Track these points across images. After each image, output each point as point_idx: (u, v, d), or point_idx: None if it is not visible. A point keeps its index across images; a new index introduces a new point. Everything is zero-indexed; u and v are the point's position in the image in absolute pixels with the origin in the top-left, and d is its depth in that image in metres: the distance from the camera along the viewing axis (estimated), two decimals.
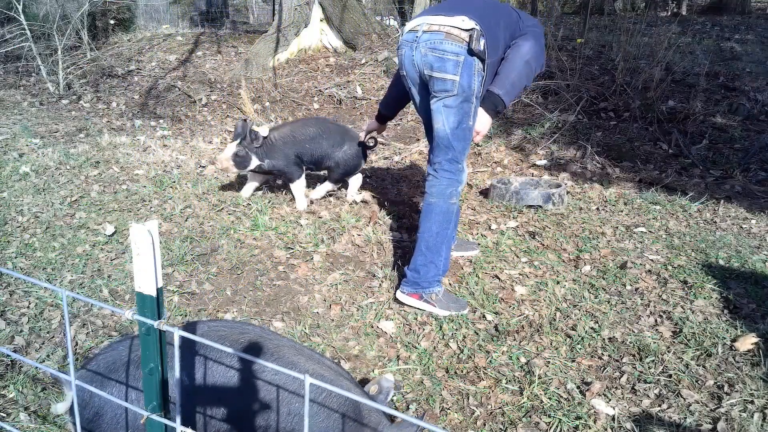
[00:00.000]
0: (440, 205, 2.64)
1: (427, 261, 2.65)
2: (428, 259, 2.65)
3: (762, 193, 4.33)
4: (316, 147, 3.72)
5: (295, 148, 3.68)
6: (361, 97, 6.46)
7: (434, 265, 2.65)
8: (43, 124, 5.55)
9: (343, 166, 3.80)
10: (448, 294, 2.74)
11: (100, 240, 3.26)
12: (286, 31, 7.37)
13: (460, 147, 2.61)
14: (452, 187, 2.63)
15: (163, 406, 1.08)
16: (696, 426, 2.02)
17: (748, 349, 2.40)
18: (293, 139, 3.68)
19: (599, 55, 7.09)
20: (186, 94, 6.62)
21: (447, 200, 2.63)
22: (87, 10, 7.40)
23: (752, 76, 6.71)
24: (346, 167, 3.82)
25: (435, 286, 2.67)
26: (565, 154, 5.09)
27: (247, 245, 3.27)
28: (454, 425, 2.07)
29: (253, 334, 1.60)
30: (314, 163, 3.79)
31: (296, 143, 3.68)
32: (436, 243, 2.63)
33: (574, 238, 3.48)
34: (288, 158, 3.67)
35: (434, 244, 2.63)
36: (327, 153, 3.75)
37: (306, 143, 3.70)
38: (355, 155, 3.81)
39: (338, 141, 3.75)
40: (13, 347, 2.37)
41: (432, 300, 2.67)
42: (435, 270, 2.66)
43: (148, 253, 0.95)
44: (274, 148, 3.64)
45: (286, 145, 3.66)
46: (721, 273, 3.04)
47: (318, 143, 3.72)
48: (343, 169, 3.82)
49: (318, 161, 3.78)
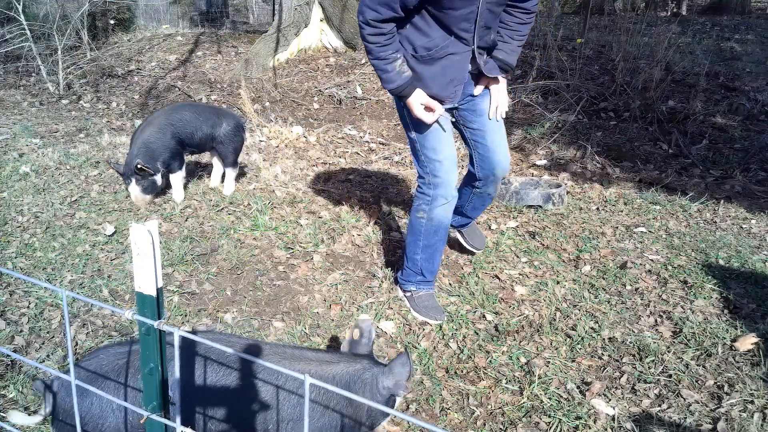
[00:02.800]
0: (410, 218, 2.68)
1: (407, 262, 2.73)
2: (406, 261, 2.73)
3: (762, 193, 4.33)
4: (196, 129, 3.74)
5: (176, 135, 3.66)
6: (361, 97, 6.45)
7: (409, 270, 2.72)
8: (43, 124, 5.55)
9: (230, 144, 3.85)
10: (431, 299, 2.72)
11: (100, 240, 3.26)
12: (286, 31, 7.37)
13: (416, 163, 2.57)
14: (418, 201, 2.58)
15: (162, 406, 1.08)
16: (696, 426, 2.02)
17: (748, 349, 2.40)
18: (171, 127, 3.66)
19: (599, 55, 7.09)
20: (186, 94, 6.62)
21: (414, 214, 2.62)
22: (87, 10, 7.40)
23: (752, 76, 6.71)
24: (235, 144, 3.88)
25: (412, 285, 2.72)
26: (565, 154, 5.09)
27: (247, 245, 3.27)
28: (454, 425, 2.07)
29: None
30: (198, 146, 3.83)
31: (175, 131, 3.66)
32: (409, 251, 2.69)
33: (574, 238, 3.48)
34: (171, 149, 3.65)
35: (409, 252, 2.69)
36: (209, 134, 3.78)
37: (186, 127, 3.70)
38: (237, 130, 3.88)
39: (216, 120, 3.81)
40: (13, 347, 2.37)
41: (412, 298, 2.72)
42: (412, 272, 2.72)
43: (148, 253, 0.95)
44: (154, 145, 3.61)
45: (165, 135, 3.63)
46: (721, 273, 3.04)
47: (197, 125, 3.74)
48: (233, 146, 3.87)
49: (201, 144, 3.81)
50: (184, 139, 3.71)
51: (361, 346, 1.73)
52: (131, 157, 3.57)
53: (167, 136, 3.63)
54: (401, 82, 2.27)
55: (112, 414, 1.45)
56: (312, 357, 1.62)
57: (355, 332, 1.77)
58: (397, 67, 2.26)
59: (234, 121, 3.90)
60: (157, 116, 3.76)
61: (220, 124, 3.81)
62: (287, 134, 5.35)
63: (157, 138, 3.62)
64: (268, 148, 5.06)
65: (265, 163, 4.56)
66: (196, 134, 3.75)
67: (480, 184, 2.68)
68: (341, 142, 5.31)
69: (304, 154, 4.96)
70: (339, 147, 5.18)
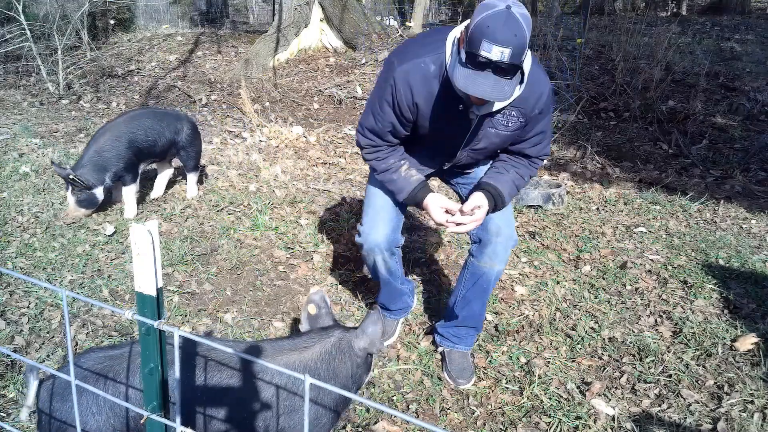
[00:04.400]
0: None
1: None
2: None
3: (762, 193, 4.33)
4: (159, 137, 3.55)
5: (134, 144, 3.44)
6: (361, 97, 6.45)
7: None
8: (43, 124, 5.55)
9: (192, 148, 3.74)
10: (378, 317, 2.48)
11: (100, 240, 3.26)
12: (286, 31, 7.37)
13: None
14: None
15: (162, 406, 1.08)
16: (696, 426, 2.02)
17: (748, 349, 2.40)
18: (130, 135, 3.43)
19: (599, 55, 7.09)
20: (186, 94, 6.62)
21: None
22: (87, 10, 7.40)
23: (752, 76, 6.71)
24: (196, 147, 3.77)
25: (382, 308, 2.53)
26: (565, 154, 5.09)
27: (247, 245, 3.27)
28: (454, 425, 2.07)
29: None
30: (160, 155, 3.65)
31: (134, 139, 3.44)
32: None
33: (574, 238, 3.48)
34: (125, 159, 3.42)
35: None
36: (172, 140, 3.63)
37: (147, 135, 3.51)
38: (196, 133, 3.78)
39: (178, 126, 3.67)
40: (13, 347, 2.37)
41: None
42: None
43: (148, 253, 0.95)
44: (107, 154, 3.37)
45: (120, 145, 3.39)
46: (721, 273, 3.04)
47: (159, 132, 3.56)
48: (194, 150, 3.76)
49: (163, 152, 3.65)
50: (143, 148, 3.49)
51: (323, 318, 1.76)
52: (78, 165, 3.35)
53: (123, 145, 3.39)
54: (411, 188, 2.06)
55: (92, 418, 1.45)
56: (289, 346, 1.64)
57: (311, 308, 1.79)
58: (403, 172, 2.08)
59: (191, 124, 3.76)
60: (116, 123, 3.50)
61: (181, 129, 3.66)
62: (287, 134, 5.35)
63: (112, 147, 3.38)
64: (268, 148, 5.06)
65: (265, 163, 4.56)
66: (159, 142, 3.56)
67: (474, 248, 2.22)
68: (341, 142, 5.31)
69: (304, 154, 4.96)
70: (339, 147, 5.18)
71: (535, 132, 2.00)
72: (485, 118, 1.93)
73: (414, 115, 1.96)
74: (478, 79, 1.67)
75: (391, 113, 1.96)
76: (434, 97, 1.90)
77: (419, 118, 1.97)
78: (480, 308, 2.27)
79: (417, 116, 1.97)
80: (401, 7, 9.02)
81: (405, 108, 1.93)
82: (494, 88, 1.67)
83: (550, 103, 1.97)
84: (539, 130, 2.01)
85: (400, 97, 1.91)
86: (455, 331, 2.33)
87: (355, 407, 2.11)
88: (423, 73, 1.88)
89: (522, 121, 1.95)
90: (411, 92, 1.90)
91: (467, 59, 1.68)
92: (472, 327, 2.32)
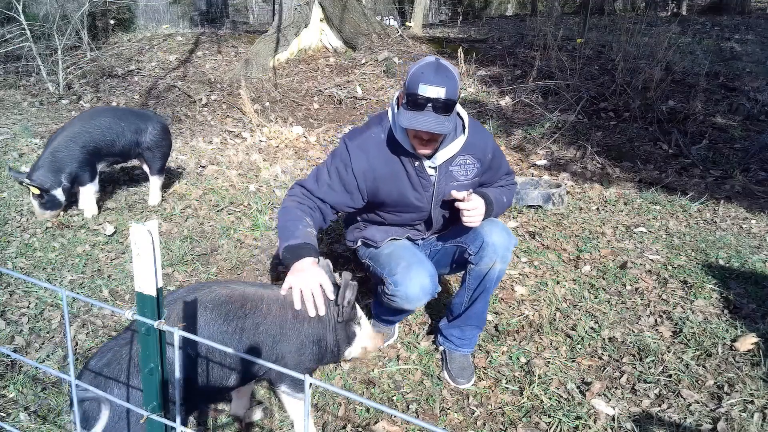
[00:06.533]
0: None
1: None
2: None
3: (762, 193, 4.33)
4: (118, 137, 3.44)
5: (90, 144, 3.36)
6: (361, 97, 6.45)
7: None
8: (43, 124, 5.55)
9: (158, 150, 3.60)
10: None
11: (100, 240, 3.26)
12: (286, 31, 7.38)
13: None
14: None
15: (162, 406, 1.08)
16: (696, 426, 2.02)
17: (748, 349, 2.40)
18: (86, 135, 3.35)
19: (599, 55, 7.09)
20: (186, 94, 6.62)
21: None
22: (87, 10, 7.40)
23: (752, 76, 6.71)
24: (163, 150, 3.63)
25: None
26: (565, 154, 5.09)
27: (247, 245, 3.27)
28: (454, 425, 2.07)
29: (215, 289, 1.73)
30: (121, 155, 3.53)
31: (90, 139, 3.36)
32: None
33: (574, 238, 3.48)
34: (80, 160, 3.33)
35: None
36: (134, 140, 3.50)
37: (105, 135, 3.39)
38: (165, 134, 3.63)
39: (141, 125, 3.52)
40: (13, 347, 2.37)
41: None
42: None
43: (148, 253, 0.95)
44: (60, 155, 3.30)
45: (75, 145, 3.31)
46: (721, 273, 3.04)
47: (119, 132, 3.44)
48: (161, 152, 3.62)
49: (125, 152, 3.52)
50: (101, 148, 3.40)
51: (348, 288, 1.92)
52: (35, 167, 3.29)
53: (77, 145, 3.31)
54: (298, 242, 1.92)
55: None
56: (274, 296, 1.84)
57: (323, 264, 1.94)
58: (301, 228, 1.98)
59: (160, 125, 3.64)
60: (73, 122, 3.41)
61: (145, 130, 3.54)
62: (287, 134, 5.35)
63: (66, 147, 3.30)
64: (268, 148, 5.05)
65: (265, 163, 4.56)
66: (118, 142, 3.46)
67: (472, 258, 2.17)
68: None
69: (304, 154, 4.96)
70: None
71: (502, 173, 2.26)
72: (444, 171, 2.08)
73: (372, 182, 2.06)
74: (421, 117, 1.85)
75: (336, 179, 2.06)
76: (390, 159, 2.05)
77: (381, 183, 2.07)
78: (483, 306, 2.28)
79: (378, 183, 2.07)
80: (401, 7, 9.03)
81: (360, 173, 2.05)
82: (436, 123, 1.84)
83: (496, 146, 2.21)
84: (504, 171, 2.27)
85: (355, 163, 2.03)
86: (459, 332, 2.32)
87: (355, 407, 2.11)
88: (375, 141, 2.06)
89: (479, 166, 2.14)
90: (366, 157, 2.04)
91: (408, 103, 1.87)
92: (476, 326, 2.32)
